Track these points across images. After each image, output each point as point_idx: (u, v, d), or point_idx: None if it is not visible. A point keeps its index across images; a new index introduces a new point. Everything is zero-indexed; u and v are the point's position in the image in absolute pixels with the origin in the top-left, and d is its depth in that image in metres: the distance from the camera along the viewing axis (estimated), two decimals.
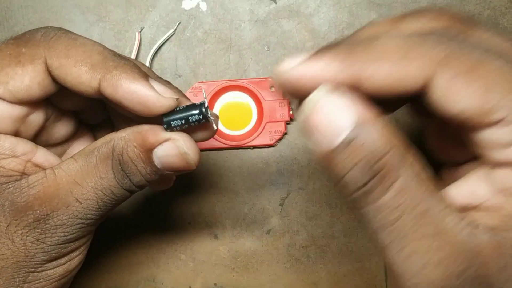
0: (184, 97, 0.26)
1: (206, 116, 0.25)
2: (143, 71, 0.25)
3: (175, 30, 0.38)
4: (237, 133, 0.39)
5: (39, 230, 0.24)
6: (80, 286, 0.39)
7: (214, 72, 0.39)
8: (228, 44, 0.39)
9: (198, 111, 0.24)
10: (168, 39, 0.39)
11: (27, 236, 0.24)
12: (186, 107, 0.25)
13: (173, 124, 0.25)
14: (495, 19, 0.37)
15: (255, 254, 0.39)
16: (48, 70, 0.25)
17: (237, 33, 0.39)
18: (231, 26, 0.39)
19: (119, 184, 0.25)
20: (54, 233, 0.25)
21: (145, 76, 0.25)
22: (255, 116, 0.39)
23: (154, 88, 0.24)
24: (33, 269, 0.25)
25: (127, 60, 0.25)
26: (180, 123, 0.25)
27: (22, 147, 0.26)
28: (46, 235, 0.24)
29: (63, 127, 0.30)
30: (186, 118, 0.25)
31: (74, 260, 0.27)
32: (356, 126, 0.19)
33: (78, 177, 0.24)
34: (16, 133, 0.26)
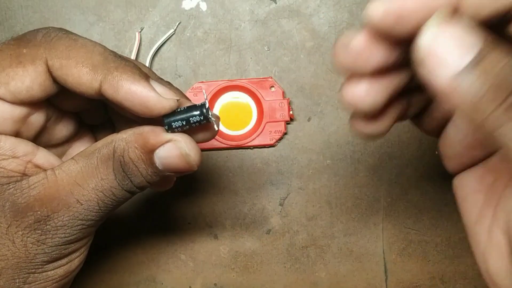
0: (185, 98, 0.26)
1: (207, 117, 0.25)
2: (144, 72, 0.25)
3: (175, 30, 0.38)
4: (237, 133, 0.39)
5: (39, 231, 0.24)
6: (80, 286, 0.39)
7: (214, 72, 0.39)
8: (228, 44, 0.39)
9: (199, 112, 0.24)
10: (168, 39, 0.38)
11: (27, 237, 0.24)
12: (187, 108, 0.25)
13: (174, 125, 0.25)
14: None
15: (255, 254, 0.39)
16: (49, 71, 0.24)
17: (237, 33, 0.38)
18: (231, 26, 0.38)
19: (120, 185, 0.25)
20: (55, 234, 0.24)
21: (146, 77, 0.25)
22: (255, 116, 0.39)
23: (155, 89, 0.24)
24: (34, 270, 0.25)
25: (128, 61, 0.25)
26: (181, 124, 0.25)
27: (22, 148, 0.26)
28: (47, 236, 0.24)
29: (64, 128, 0.30)
30: (187, 119, 0.25)
31: (75, 261, 0.27)
32: (483, 46, 0.17)
33: (78, 178, 0.24)
34: (17, 134, 0.26)
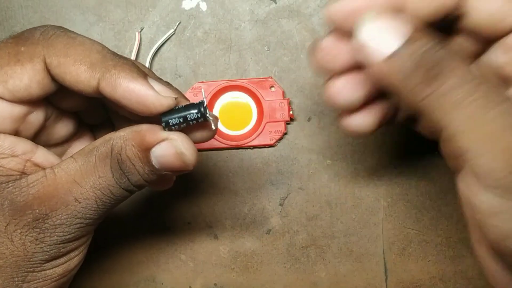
0: (183, 98, 0.26)
1: (204, 114, 0.24)
2: (142, 71, 0.25)
3: (175, 30, 0.38)
4: (237, 133, 0.39)
5: (38, 230, 0.24)
6: (80, 286, 0.39)
7: (214, 72, 0.39)
8: (228, 44, 0.39)
9: (197, 110, 0.24)
10: (168, 39, 0.39)
11: (26, 235, 0.24)
12: (184, 106, 0.25)
13: (171, 122, 0.25)
14: None
15: (255, 254, 0.39)
16: (47, 69, 0.25)
17: (237, 33, 0.38)
18: (231, 26, 0.39)
19: (118, 184, 0.25)
20: (53, 232, 0.24)
21: (144, 75, 0.25)
22: (255, 116, 0.38)
23: (153, 87, 0.24)
24: (32, 269, 0.25)
25: (126, 59, 0.25)
26: (178, 121, 0.25)
27: (21, 146, 0.26)
28: (45, 234, 0.24)
29: (63, 127, 0.30)
30: (185, 117, 0.25)
31: (74, 260, 0.27)
32: (412, 34, 0.20)
33: (77, 177, 0.24)
34: (16, 132, 0.26)
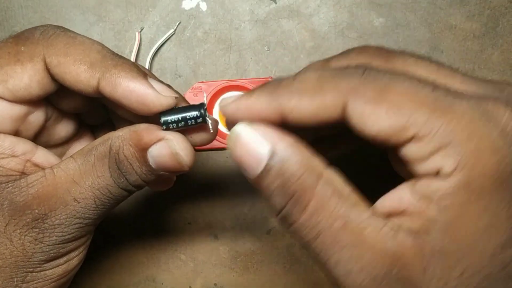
0: (183, 100, 0.26)
1: (204, 116, 0.24)
2: (141, 70, 0.25)
3: (175, 30, 0.38)
4: None
5: (37, 230, 0.24)
6: (80, 286, 0.39)
7: (214, 72, 0.39)
8: (228, 44, 0.38)
9: (197, 111, 0.24)
10: (168, 39, 0.38)
11: (25, 235, 0.24)
12: (184, 107, 0.25)
13: (170, 120, 0.24)
14: (495, 19, 0.37)
15: (255, 254, 0.39)
16: (47, 69, 0.24)
17: (237, 33, 0.38)
18: (231, 26, 0.38)
19: (116, 183, 0.25)
20: (52, 232, 0.24)
21: (144, 75, 0.24)
22: None
23: (153, 87, 0.24)
24: (32, 269, 0.25)
25: (125, 59, 0.25)
26: (176, 119, 0.24)
27: (21, 146, 0.26)
28: (45, 234, 0.24)
29: (64, 128, 0.30)
30: (184, 117, 0.24)
31: (73, 260, 0.27)
32: (273, 153, 0.21)
33: (76, 176, 0.24)
34: (16, 132, 0.26)
